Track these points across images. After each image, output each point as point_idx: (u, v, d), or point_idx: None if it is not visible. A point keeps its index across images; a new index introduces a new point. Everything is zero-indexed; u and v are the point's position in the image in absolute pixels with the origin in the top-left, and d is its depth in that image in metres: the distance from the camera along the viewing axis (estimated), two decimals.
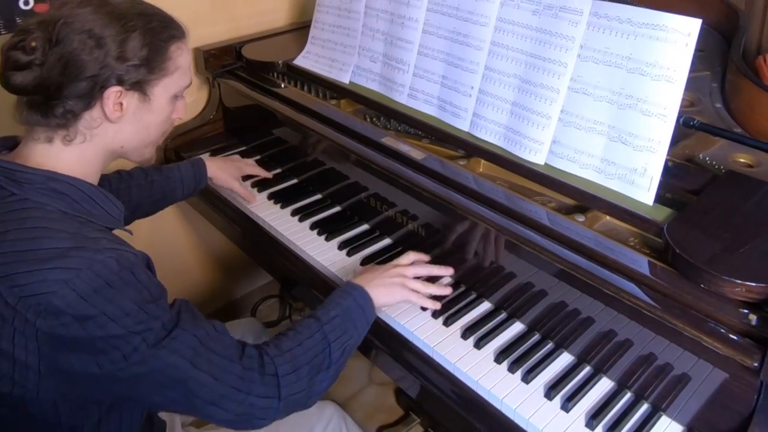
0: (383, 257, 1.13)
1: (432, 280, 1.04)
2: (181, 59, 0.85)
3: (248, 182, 1.38)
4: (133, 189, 1.16)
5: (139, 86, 0.80)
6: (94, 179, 0.84)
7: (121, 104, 0.80)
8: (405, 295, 0.97)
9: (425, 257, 1.06)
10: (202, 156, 1.30)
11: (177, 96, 0.87)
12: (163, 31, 0.82)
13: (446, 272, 1.05)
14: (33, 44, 0.75)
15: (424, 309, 1.00)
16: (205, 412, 0.77)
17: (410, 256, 1.04)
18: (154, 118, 0.85)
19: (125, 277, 0.71)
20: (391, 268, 1.00)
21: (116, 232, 0.82)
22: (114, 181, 1.14)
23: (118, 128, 0.82)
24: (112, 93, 0.78)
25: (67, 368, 0.70)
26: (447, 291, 1.02)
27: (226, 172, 1.30)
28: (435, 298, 1.00)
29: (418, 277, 1.01)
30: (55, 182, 0.77)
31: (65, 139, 0.79)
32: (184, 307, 0.78)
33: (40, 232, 0.72)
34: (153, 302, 0.73)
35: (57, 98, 0.76)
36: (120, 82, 0.78)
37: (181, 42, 0.85)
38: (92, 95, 0.77)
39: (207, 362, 0.75)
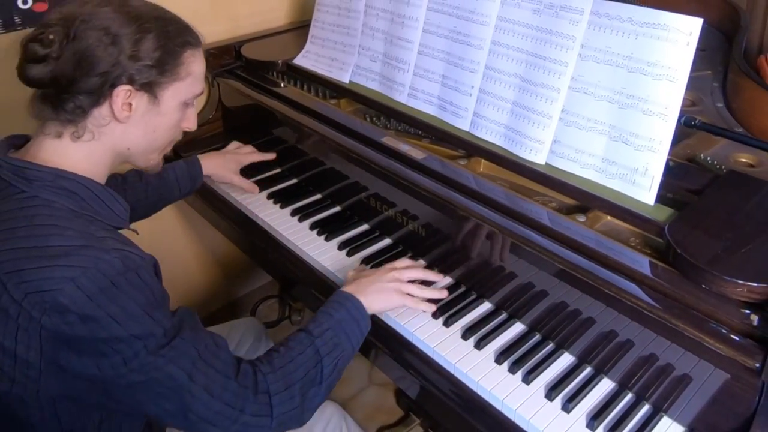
0: (383, 257, 1.12)
1: (427, 284, 1.03)
2: (194, 66, 0.85)
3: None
4: (127, 191, 1.16)
5: (149, 87, 0.81)
6: (101, 179, 0.84)
7: (130, 104, 0.81)
8: (401, 300, 0.96)
9: (420, 263, 1.06)
10: (197, 154, 1.30)
11: (187, 103, 0.88)
12: (178, 37, 0.83)
13: (440, 278, 1.04)
14: (51, 37, 0.76)
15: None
16: (199, 428, 0.76)
17: (405, 261, 1.04)
18: (162, 122, 0.85)
19: (131, 279, 0.71)
20: (385, 272, 0.98)
21: (123, 232, 0.83)
22: (109, 183, 1.13)
23: (125, 128, 0.82)
24: (122, 91, 0.79)
25: (67, 367, 0.70)
26: (443, 294, 1.01)
27: (224, 167, 1.30)
28: (432, 301, 0.99)
29: (413, 281, 1.00)
30: (64, 180, 0.78)
31: (74, 135, 0.80)
32: (186, 317, 0.78)
33: (48, 230, 0.72)
34: (158, 308, 0.73)
35: (68, 92, 0.77)
36: (131, 81, 0.79)
37: (196, 50, 0.86)
38: (102, 92, 0.78)
39: (204, 376, 0.74)
